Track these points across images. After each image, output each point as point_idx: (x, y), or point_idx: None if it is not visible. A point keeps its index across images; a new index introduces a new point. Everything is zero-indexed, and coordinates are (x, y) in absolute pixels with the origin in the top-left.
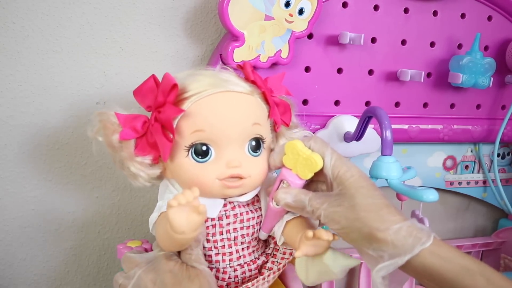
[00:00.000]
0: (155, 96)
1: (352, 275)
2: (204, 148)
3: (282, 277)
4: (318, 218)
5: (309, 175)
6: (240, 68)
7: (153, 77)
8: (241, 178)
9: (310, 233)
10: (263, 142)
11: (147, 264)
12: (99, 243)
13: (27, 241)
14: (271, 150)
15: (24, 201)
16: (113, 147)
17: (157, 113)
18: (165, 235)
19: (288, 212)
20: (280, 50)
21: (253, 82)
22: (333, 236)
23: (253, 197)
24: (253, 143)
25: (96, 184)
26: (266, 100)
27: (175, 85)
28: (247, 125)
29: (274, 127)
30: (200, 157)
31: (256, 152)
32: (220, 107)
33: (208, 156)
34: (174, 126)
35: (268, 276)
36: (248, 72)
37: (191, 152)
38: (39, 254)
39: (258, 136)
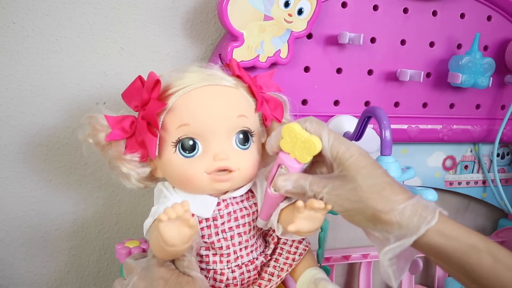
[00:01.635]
0: (141, 96)
1: (351, 275)
2: (191, 142)
3: None
4: None
5: (308, 158)
6: (227, 66)
7: (139, 77)
8: (229, 171)
9: (300, 202)
10: (251, 135)
11: (141, 271)
12: (99, 243)
13: (27, 241)
14: (262, 144)
15: (24, 201)
16: (102, 147)
17: (143, 111)
18: (157, 245)
19: (285, 198)
20: (280, 50)
21: (238, 77)
22: (325, 205)
23: (247, 193)
24: (241, 135)
25: (96, 184)
26: (252, 94)
27: (157, 81)
28: (232, 117)
29: (264, 122)
30: (187, 152)
31: (245, 145)
32: (204, 100)
33: (195, 150)
34: (160, 122)
35: (270, 286)
36: (234, 67)
37: (178, 147)
38: (39, 254)
39: (245, 128)
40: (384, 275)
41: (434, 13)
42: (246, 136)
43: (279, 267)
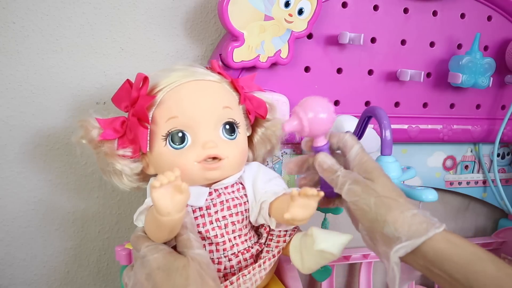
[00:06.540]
0: (130, 95)
1: (352, 275)
2: (180, 134)
3: (281, 276)
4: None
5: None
6: (210, 69)
7: (127, 81)
8: (219, 159)
9: (295, 191)
10: (237, 127)
11: (138, 263)
12: (99, 243)
13: (27, 241)
14: (248, 136)
15: (24, 201)
16: (95, 144)
17: (133, 108)
18: (152, 223)
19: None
20: (280, 50)
21: (219, 73)
22: (318, 192)
23: (238, 184)
24: (227, 126)
25: (96, 184)
26: (235, 89)
27: (146, 78)
28: (218, 108)
29: (248, 116)
30: (177, 144)
31: (232, 135)
32: (191, 93)
33: (185, 142)
34: (150, 117)
35: (264, 263)
36: (215, 66)
37: (168, 140)
38: (39, 254)
39: (230, 120)
40: (390, 275)
41: (434, 13)
42: (232, 127)
43: (271, 250)
